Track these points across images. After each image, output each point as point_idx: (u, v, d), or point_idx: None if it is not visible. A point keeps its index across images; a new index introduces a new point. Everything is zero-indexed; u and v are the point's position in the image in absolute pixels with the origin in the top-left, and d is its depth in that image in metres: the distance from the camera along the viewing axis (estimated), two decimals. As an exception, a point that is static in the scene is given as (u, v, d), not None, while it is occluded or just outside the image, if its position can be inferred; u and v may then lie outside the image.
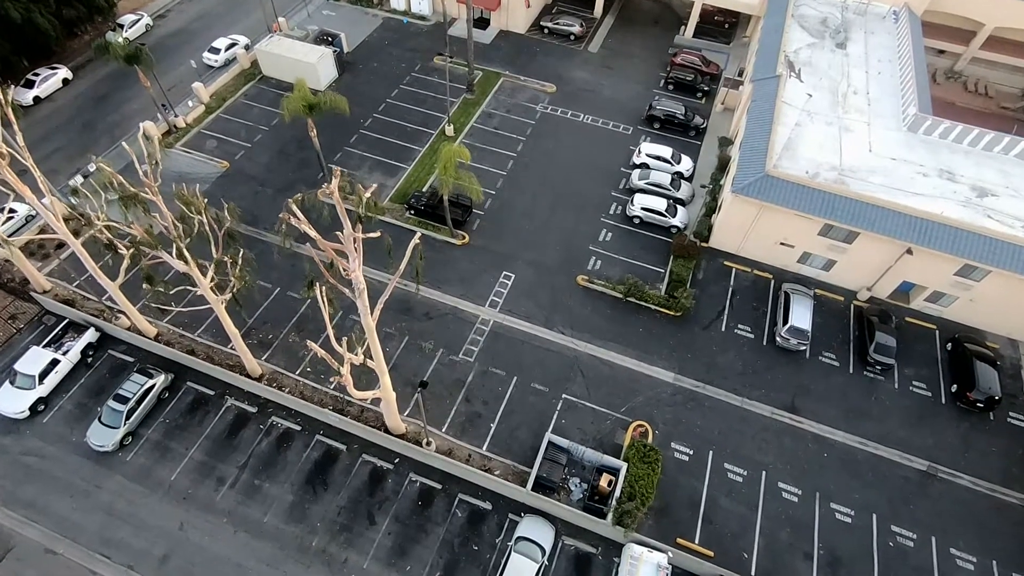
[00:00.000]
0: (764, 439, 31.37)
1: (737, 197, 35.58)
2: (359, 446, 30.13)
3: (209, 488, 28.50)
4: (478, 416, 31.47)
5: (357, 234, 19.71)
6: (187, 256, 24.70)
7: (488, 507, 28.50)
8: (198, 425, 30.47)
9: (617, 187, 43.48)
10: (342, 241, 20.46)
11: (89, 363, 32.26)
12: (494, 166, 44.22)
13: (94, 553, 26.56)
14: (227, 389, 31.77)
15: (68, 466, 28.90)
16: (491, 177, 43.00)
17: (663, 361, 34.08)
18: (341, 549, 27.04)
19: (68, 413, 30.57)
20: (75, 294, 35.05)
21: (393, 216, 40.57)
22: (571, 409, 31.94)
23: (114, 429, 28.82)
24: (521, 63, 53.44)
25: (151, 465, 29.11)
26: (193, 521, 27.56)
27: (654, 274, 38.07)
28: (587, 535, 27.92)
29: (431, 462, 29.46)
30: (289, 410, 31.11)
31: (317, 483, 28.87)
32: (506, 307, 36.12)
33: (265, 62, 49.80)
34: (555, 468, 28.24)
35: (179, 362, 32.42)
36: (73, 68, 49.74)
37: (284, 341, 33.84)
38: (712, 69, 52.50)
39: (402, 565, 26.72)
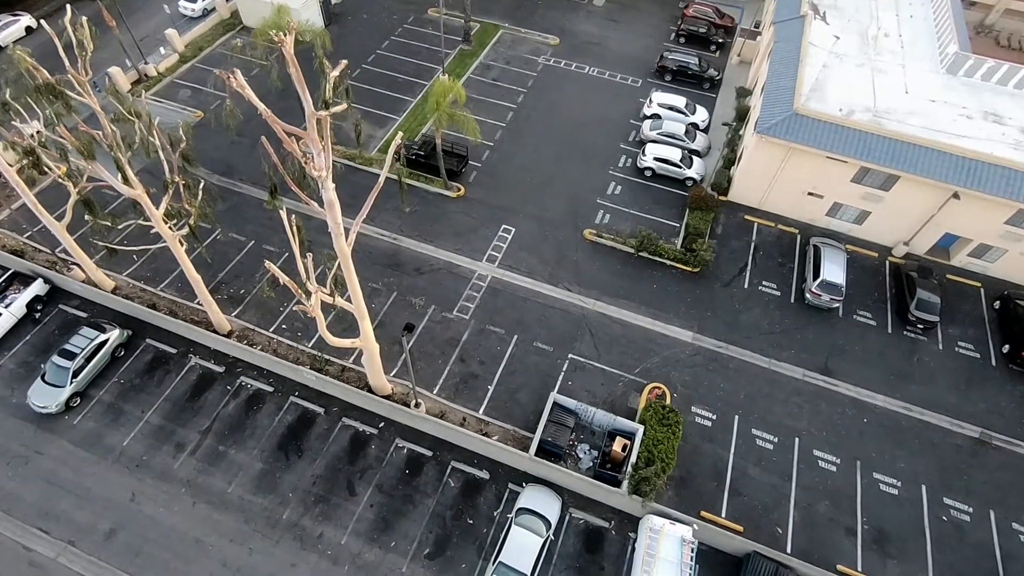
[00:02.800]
0: (796, 403, 27.88)
1: (762, 140, 32.08)
2: (339, 409, 26.59)
3: (166, 455, 24.95)
4: (474, 377, 27.95)
5: (322, 113, 16.11)
6: (131, 176, 21.12)
7: (485, 476, 24.98)
8: (157, 386, 26.89)
9: (627, 139, 39.93)
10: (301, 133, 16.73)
11: (36, 318, 28.67)
12: (492, 117, 40.64)
13: (30, 527, 22.99)
14: (192, 347, 28.19)
15: (5, 430, 25.33)
16: (489, 128, 39.41)
17: (680, 319, 30.57)
18: (316, 523, 23.50)
19: (10, 372, 26.98)
20: (25, 245, 31.46)
21: (380, 167, 36.95)
22: (579, 370, 28.43)
23: (59, 388, 25.26)
24: (521, 16, 49.89)
25: (101, 429, 25.54)
26: (146, 491, 24.01)
27: (669, 228, 34.57)
28: (598, 507, 24.41)
29: (421, 426, 25.93)
30: (261, 370, 27.56)
31: (290, 449, 25.33)
32: (506, 262, 32.58)
33: (245, 9, 46.17)
34: (561, 432, 24.73)
35: (139, 318, 28.84)
36: (38, 17, 46.00)
37: (257, 296, 30.27)
38: (726, 22, 48.96)
39: (385, 541, 23.19)
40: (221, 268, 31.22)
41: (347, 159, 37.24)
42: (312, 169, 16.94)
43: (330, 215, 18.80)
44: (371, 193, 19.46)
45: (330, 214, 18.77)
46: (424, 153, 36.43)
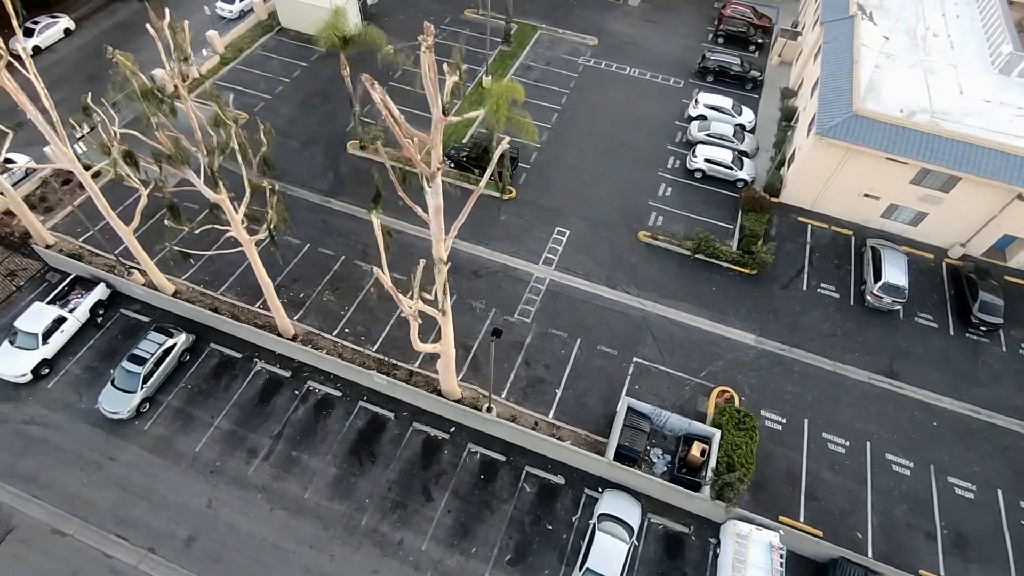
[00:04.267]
0: (863, 406, 27.73)
1: (820, 141, 31.90)
2: (408, 413, 26.43)
3: (240, 461, 24.78)
4: (540, 381, 27.79)
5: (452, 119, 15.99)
6: (219, 181, 20.96)
7: (560, 481, 24.83)
8: (224, 391, 26.72)
9: (673, 141, 39.77)
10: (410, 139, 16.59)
11: (99, 323, 28.49)
12: (537, 118, 40.01)
13: (108, 534, 22.82)
14: (256, 351, 28.01)
15: (77, 436, 25.16)
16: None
17: (741, 322, 30.41)
18: (395, 529, 23.34)
19: (76, 377, 26.81)
20: (82, 249, 31.26)
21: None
22: (644, 374, 28.27)
23: (129, 394, 25.07)
24: (558, 16, 49.72)
25: (172, 435, 25.37)
26: (222, 498, 23.84)
27: (722, 230, 34.40)
28: (675, 512, 24.26)
29: (492, 431, 25.77)
30: (327, 374, 27.38)
31: (363, 455, 25.17)
32: (562, 264, 32.42)
33: (284, 11, 45.97)
34: (638, 436, 24.56)
35: (200, 322, 28.66)
36: (76, 19, 45.84)
37: (317, 300, 30.09)
38: (764, 22, 48.79)
39: (466, 547, 23.04)
40: (279, 272, 31.00)
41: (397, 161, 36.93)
42: (426, 174, 16.78)
43: (435, 220, 18.70)
44: (470, 199, 19.19)
45: (435, 219, 18.66)
46: (475, 155, 36.27)
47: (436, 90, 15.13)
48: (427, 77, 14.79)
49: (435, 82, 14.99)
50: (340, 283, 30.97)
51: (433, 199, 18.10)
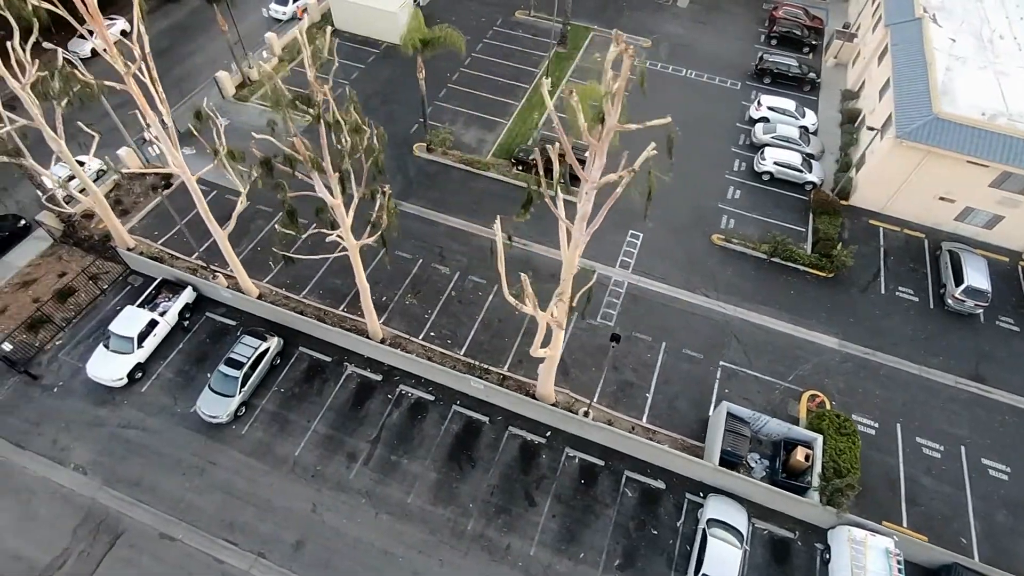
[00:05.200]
0: (953, 411, 27.65)
1: (899, 144, 31.80)
2: (503, 418, 26.39)
3: (340, 465, 24.75)
4: (630, 385, 27.74)
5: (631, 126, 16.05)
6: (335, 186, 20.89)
7: (661, 486, 24.77)
8: (317, 395, 26.68)
9: (737, 143, 39.69)
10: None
11: (185, 327, 28.47)
12: (598, 121, 40.32)
13: (216, 538, 22.80)
14: (345, 355, 27.97)
15: (175, 440, 25.14)
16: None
17: (823, 326, 30.34)
18: (501, 534, 23.30)
19: (169, 381, 26.79)
20: (162, 252, 31.25)
21: (498, 171, 36.77)
22: (732, 378, 28.21)
23: (228, 398, 25.06)
24: (608, 18, 49.67)
25: (269, 439, 25.34)
26: (326, 502, 23.81)
27: (794, 233, 34.30)
28: (777, 517, 24.20)
29: (589, 435, 25.71)
30: (418, 378, 27.34)
31: (462, 459, 25.12)
32: (639, 268, 32.38)
33: (339, 13, 45.93)
34: (740, 441, 24.49)
35: (286, 325, 28.61)
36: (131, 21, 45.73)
37: (400, 304, 30.05)
38: (816, 23, 48.72)
39: (574, 552, 22.99)
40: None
41: (465, 164, 37.00)
42: (585, 178, 16.75)
43: (578, 226, 18.65)
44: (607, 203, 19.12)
45: (578, 225, 18.62)
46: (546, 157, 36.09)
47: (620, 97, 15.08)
48: (608, 83, 14.69)
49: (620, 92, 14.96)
50: (420, 286, 30.94)
51: (583, 206, 18.04)
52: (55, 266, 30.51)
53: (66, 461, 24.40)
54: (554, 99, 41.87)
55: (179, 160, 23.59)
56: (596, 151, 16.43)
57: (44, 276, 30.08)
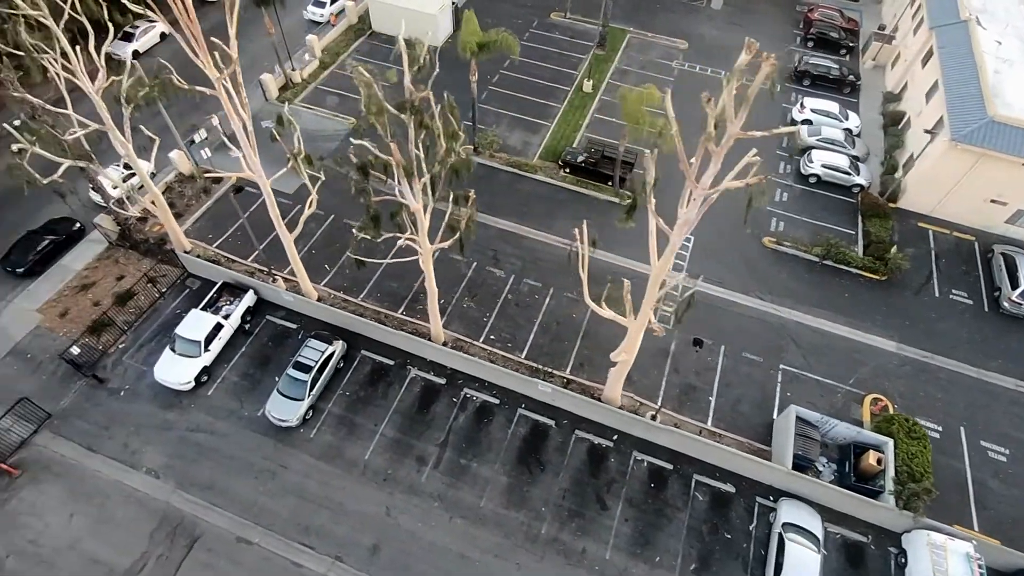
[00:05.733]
0: (1016, 414, 27.67)
1: (953, 147, 31.80)
2: (568, 421, 26.42)
3: (411, 469, 24.78)
4: (693, 388, 27.78)
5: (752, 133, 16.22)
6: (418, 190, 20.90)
7: (731, 490, 24.79)
8: (382, 398, 26.72)
9: (780, 145, 39.71)
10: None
11: (247, 329, 28.51)
12: (640, 123, 40.38)
13: (293, 542, 22.83)
14: (408, 358, 28.00)
15: (244, 443, 25.18)
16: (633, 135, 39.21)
17: (879, 329, 30.35)
18: (575, 538, 23.34)
19: (234, 384, 26.84)
20: (217, 255, 31.30)
21: (546, 174, 36.80)
22: (793, 381, 28.25)
23: (298, 401, 25.09)
24: (642, 19, 49.67)
25: (338, 442, 25.38)
26: (399, 506, 23.85)
27: (843, 235, 34.30)
28: (849, 521, 24.21)
29: (657, 439, 25.74)
30: (482, 381, 27.37)
31: (531, 463, 25.17)
32: (693, 270, 32.34)
33: (377, 14, 45.94)
34: (811, 445, 24.49)
35: (347, 329, 28.62)
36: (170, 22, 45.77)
37: (458, 307, 30.08)
38: (851, 25, 48.71)
39: (649, 555, 23.03)
40: (412, 280, 30.98)
41: (512, 166, 37.03)
42: (695, 187, 16.80)
43: (677, 233, 18.68)
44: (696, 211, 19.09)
45: (678, 232, 18.65)
46: (595, 160, 36.23)
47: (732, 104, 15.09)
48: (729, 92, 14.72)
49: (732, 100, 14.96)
50: (475, 289, 30.98)
51: (687, 213, 18.06)
52: (112, 269, 30.56)
53: (138, 465, 24.45)
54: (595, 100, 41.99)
55: (256, 164, 23.62)
56: (714, 158, 16.35)
57: (102, 279, 30.13)
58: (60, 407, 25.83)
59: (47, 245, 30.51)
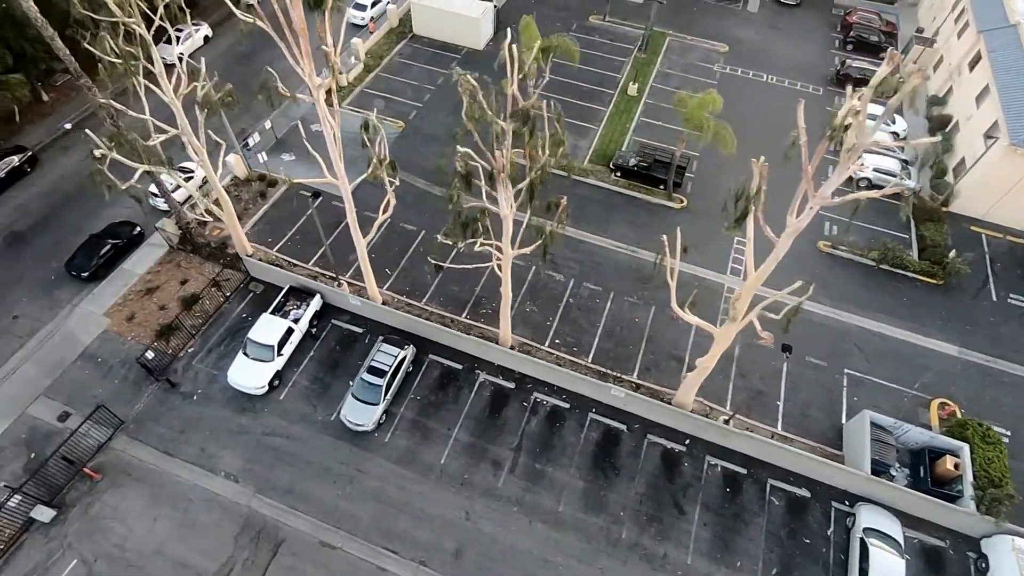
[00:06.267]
0: (1083, 418, 27.75)
1: (1011, 151, 31.90)
2: (640, 426, 26.50)
3: (487, 473, 24.88)
4: (760, 393, 27.86)
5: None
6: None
7: (806, 495, 24.88)
8: (453, 402, 26.82)
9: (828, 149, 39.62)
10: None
11: (313, 333, 28.60)
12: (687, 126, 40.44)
13: (376, 547, 22.93)
14: (475, 362, 28.09)
15: (320, 448, 25.28)
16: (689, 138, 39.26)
17: (941, 333, 30.44)
18: (656, 542, 23.43)
19: (305, 389, 26.93)
20: (279, 258, 31.40)
21: (597, 178, 36.89)
22: (859, 385, 28.33)
23: (373, 406, 25.19)
24: (681, 23, 49.74)
25: (413, 447, 25.48)
26: (479, 510, 23.94)
27: (897, 239, 34.38)
28: (926, 526, 24.28)
29: (729, 443, 25.83)
30: (551, 386, 27.46)
31: (606, 467, 25.26)
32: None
33: (418, 18, 46.02)
34: (887, 449, 24.60)
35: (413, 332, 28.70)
36: (213, 24, 46.03)
37: (520, 312, 30.15)
38: (890, 28, 48.79)
39: (730, 560, 23.12)
40: (474, 284, 31.06)
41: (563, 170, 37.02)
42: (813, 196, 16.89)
43: (784, 242, 18.81)
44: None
45: (785, 241, 18.76)
46: (647, 164, 36.29)
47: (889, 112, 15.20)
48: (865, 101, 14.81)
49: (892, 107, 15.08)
50: (537, 293, 31.06)
51: (798, 221, 18.17)
52: (175, 273, 30.66)
53: (216, 469, 24.54)
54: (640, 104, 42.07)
55: (340, 171, 23.71)
56: (839, 168, 16.44)
57: (165, 283, 30.23)
58: (134, 411, 25.93)
59: (109, 249, 30.59)
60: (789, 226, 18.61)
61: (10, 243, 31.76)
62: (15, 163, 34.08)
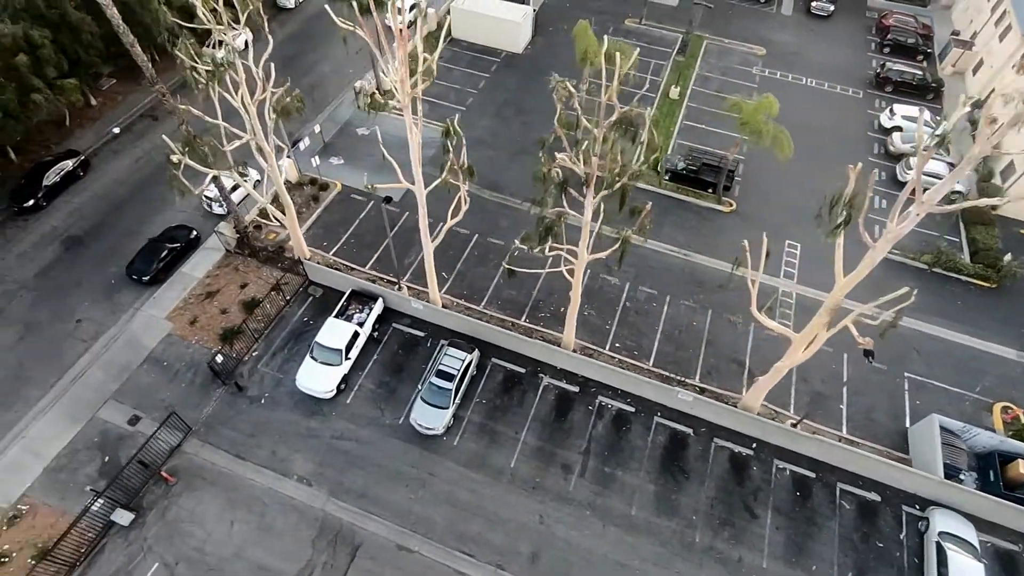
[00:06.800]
0: None
1: (1065, 155, 31.87)
2: (706, 429, 26.56)
3: (557, 477, 24.96)
4: (822, 396, 27.91)
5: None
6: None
7: (876, 498, 24.92)
8: (519, 406, 26.90)
9: (872, 152, 39.88)
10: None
11: (375, 337, 28.71)
12: (731, 129, 40.52)
13: (453, 550, 23.02)
14: (537, 366, 28.18)
15: (390, 452, 25.37)
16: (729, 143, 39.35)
17: (998, 336, 30.47)
18: (730, 546, 23.48)
19: (371, 392, 27.04)
20: (337, 262, 31.54)
21: (645, 181, 36.90)
22: (920, 389, 28.37)
23: (443, 409, 25.30)
24: (717, 26, 49.78)
25: (482, 450, 25.57)
26: (552, 514, 24.02)
27: (945, 243, 34.43)
28: (998, 530, 24.30)
29: (797, 447, 25.88)
30: (615, 389, 27.53)
31: (675, 471, 25.33)
32: (804, 279, 32.56)
33: (458, 21, 46.18)
34: (957, 453, 24.65)
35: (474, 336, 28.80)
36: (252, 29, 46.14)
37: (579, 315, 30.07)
38: (926, 30, 48.83)
39: (805, 564, 23.16)
40: (531, 287, 31.19)
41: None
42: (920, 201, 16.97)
43: (882, 248, 18.86)
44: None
45: (882, 247, 18.82)
46: (696, 167, 36.37)
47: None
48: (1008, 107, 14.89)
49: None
50: (593, 297, 31.14)
51: (902, 228, 18.24)
52: (234, 277, 30.80)
53: (288, 472, 24.65)
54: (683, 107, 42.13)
55: (418, 175, 23.84)
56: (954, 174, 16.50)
57: (225, 287, 30.37)
58: (203, 415, 26.06)
59: (168, 253, 30.74)
60: (890, 231, 18.71)
61: (68, 247, 31.94)
62: (69, 167, 34.24)
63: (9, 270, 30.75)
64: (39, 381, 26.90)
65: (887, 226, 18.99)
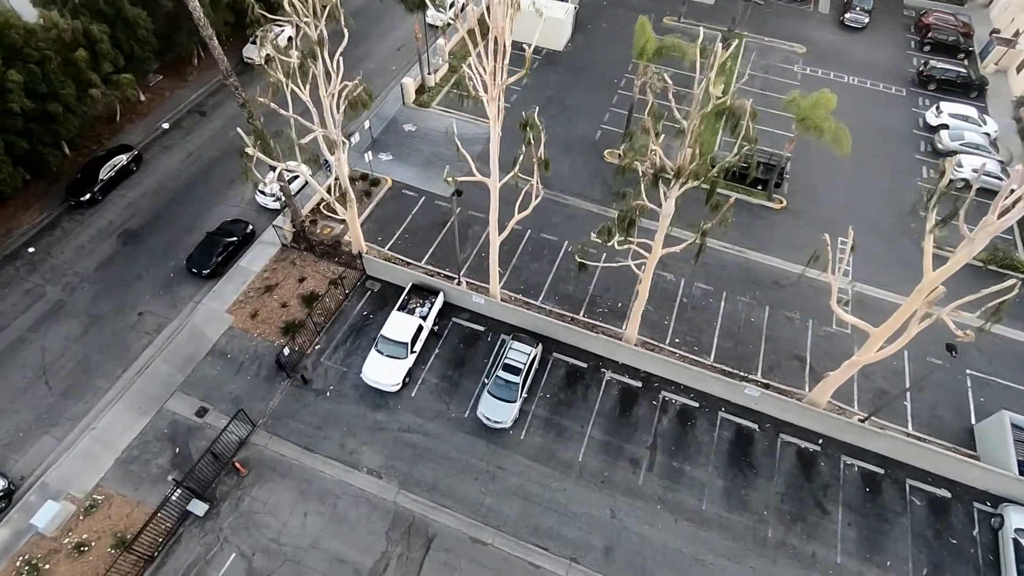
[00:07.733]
0: None
1: (1124, 152, 31.73)
2: (771, 425, 26.50)
3: (626, 471, 24.95)
4: (885, 393, 27.80)
5: None
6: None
7: (947, 495, 24.81)
8: (583, 400, 26.91)
9: (919, 150, 39.75)
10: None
11: (436, 331, 28.76)
12: (775, 127, 40.49)
13: (526, 543, 23.03)
14: (599, 361, 28.18)
15: (458, 445, 25.41)
16: (779, 139, 39.29)
17: (1056, 334, 30.36)
18: (803, 542, 23.42)
19: (435, 386, 27.09)
20: (393, 257, 31.62)
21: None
22: (983, 386, 28.26)
23: (510, 403, 25.33)
24: (755, 24, 49.70)
25: (549, 444, 25.59)
26: (623, 508, 24.00)
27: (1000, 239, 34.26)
28: (1071, 527, 24.17)
29: (864, 443, 25.80)
30: (677, 384, 27.50)
31: (743, 466, 25.28)
32: (858, 277, 32.41)
33: (499, 19, 46.12)
34: (1029, 450, 24.52)
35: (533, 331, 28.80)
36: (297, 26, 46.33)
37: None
38: (966, 29, 48.64)
39: (879, 560, 23.07)
40: (587, 282, 31.19)
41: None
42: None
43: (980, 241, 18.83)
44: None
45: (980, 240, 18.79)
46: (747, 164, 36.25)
47: None
48: None
49: None
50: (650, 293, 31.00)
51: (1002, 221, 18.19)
52: (291, 271, 30.92)
53: (358, 465, 24.72)
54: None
55: (494, 170, 23.91)
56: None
57: (283, 281, 30.49)
58: (269, 407, 26.16)
59: (226, 247, 30.88)
60: (990, 224, 18.54)
61: (125, 241, 32.13)
62: (123, 162, 34.44)
63: (69, 263, 30.96)
64: (106, 373, 27.07)
65: (986, 219, 18.75)
